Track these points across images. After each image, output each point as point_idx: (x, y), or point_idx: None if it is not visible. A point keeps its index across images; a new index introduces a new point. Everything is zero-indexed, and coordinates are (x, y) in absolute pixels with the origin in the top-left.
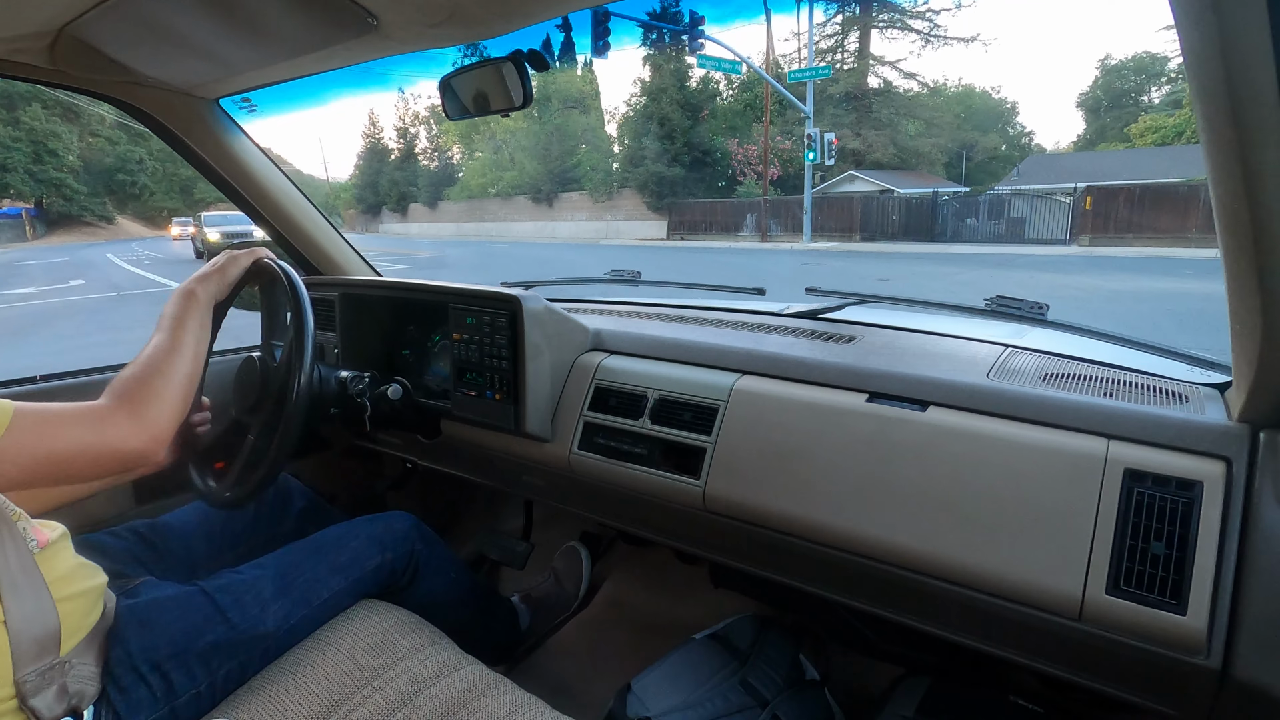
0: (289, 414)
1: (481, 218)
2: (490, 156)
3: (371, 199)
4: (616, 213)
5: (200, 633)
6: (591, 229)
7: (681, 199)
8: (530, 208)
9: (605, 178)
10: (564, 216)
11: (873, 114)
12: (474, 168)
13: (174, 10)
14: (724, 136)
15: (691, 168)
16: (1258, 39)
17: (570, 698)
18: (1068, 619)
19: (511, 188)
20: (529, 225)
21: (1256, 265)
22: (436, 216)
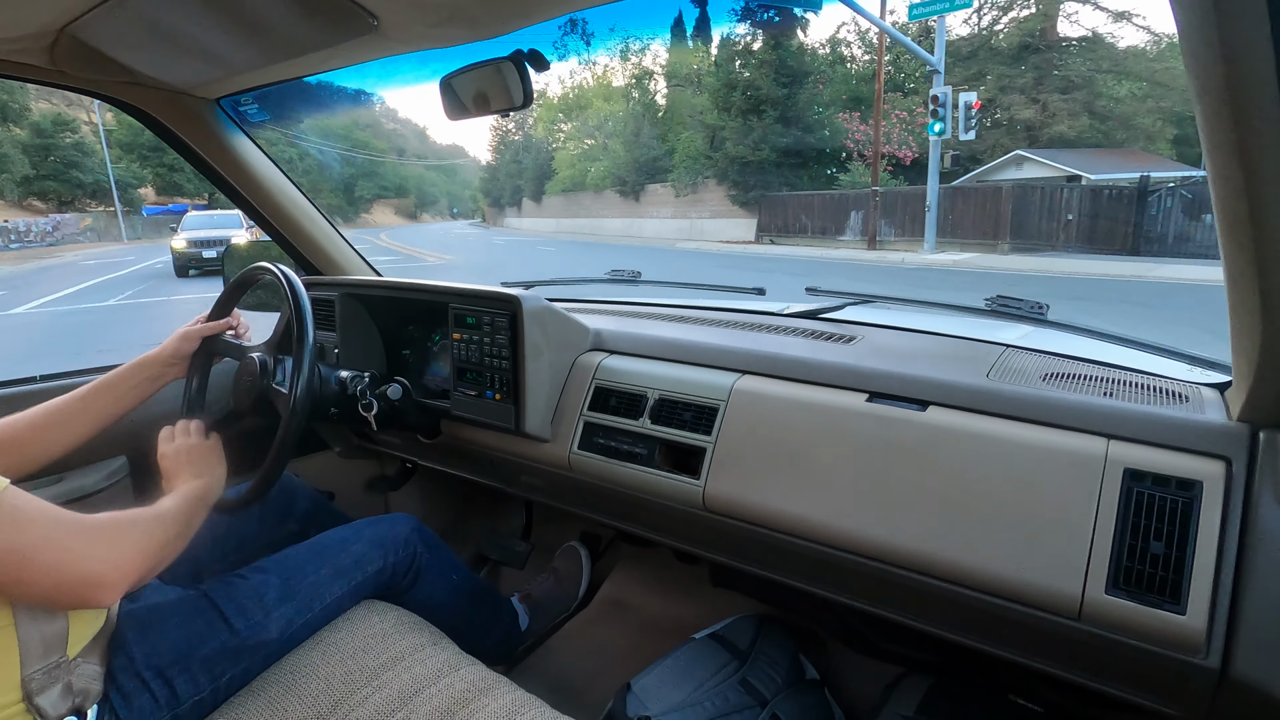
0: (289, 415)
1: (576, 213)
2: (580, 146)
3: (495, 193)
4: (702, 209)
5: (204, 639)
6: (675, 228)
7: (774, 191)
8: (619, 202)
9: (689, 166)
10: (650, 212)
11: (1058, 71)
12: (564, 158)
13: (174, 11)
14: (840, 109)
15: (788, 151)
16: (1258, 39)
17: (570, 697)
18: (1067, 618)
19: (602, 179)
20: (618, 222)
21: (1256, 265)
22: (541, 211)
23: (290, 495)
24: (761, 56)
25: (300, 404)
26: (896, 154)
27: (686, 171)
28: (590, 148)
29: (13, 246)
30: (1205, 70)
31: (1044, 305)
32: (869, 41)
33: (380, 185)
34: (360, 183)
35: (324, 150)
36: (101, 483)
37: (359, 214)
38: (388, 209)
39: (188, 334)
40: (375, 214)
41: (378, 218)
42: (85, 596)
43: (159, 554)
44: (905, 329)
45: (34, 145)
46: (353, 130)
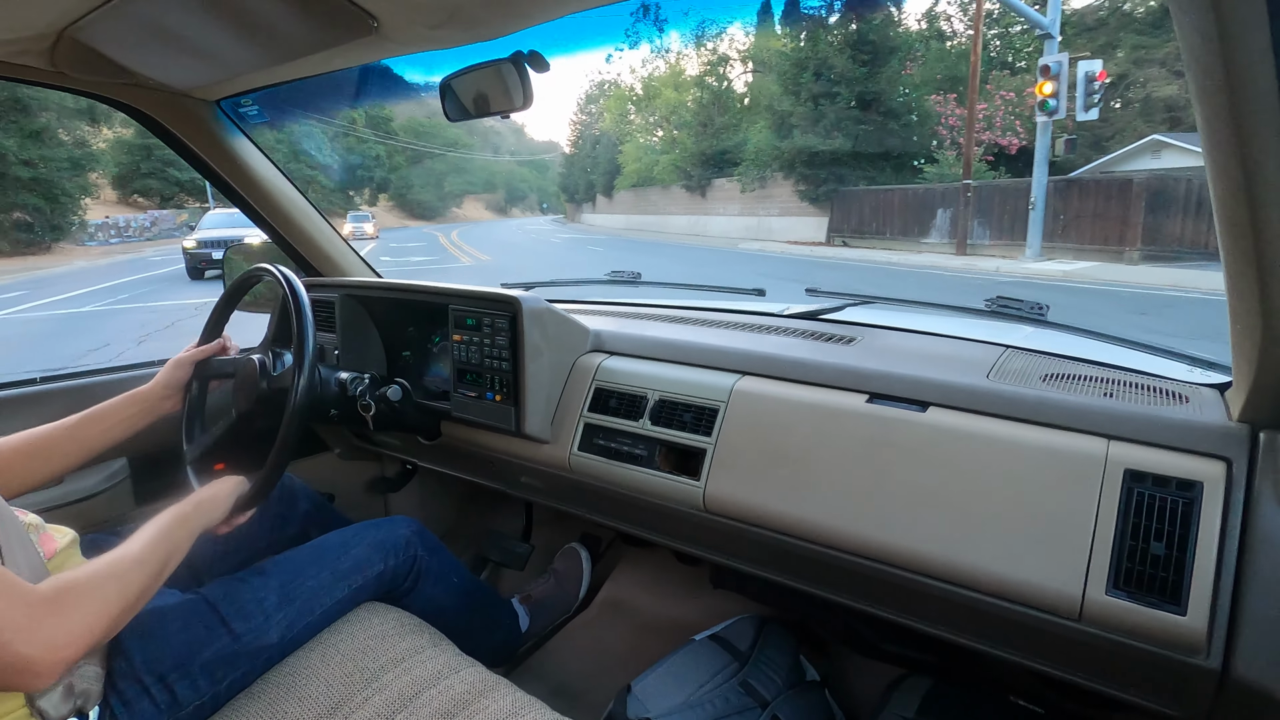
0: (289, 416)
1: (645, 209)
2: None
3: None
4: (770, 205)
5: (204, 644)
6: (741, 226)
7: (848, 186)
8: (685, 199)
9: (756, 159)
10: (716, 209)
11: None
12: (631, 151)
13: (174, 13)
14: (932, 90)
15: (865, 140)
16: (1258, 39)
17: (570, 699)
18: (1068, 619)
19: (668, 174)
20: (683, 219)
21: (1256, 265)
22: (613, 207)
23: (291, 497)
24: (837, 31)
25: (300, 405)
26: (999, 141)
27: (753, 165)
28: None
29: (113, 241)
30: (1205, 70)
31: (1044, 306)
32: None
33: (468, 181)
34: (449, 179)
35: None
36: (102, 484)
37: (448, 209)
38: (478, 204)
39: (180, 361)
40: (466, 209)
41: (468, 212)
42: (16, 682)
43: (112, 624)
44: (905, 330)
45: (137, 145)
46: (445, 128)
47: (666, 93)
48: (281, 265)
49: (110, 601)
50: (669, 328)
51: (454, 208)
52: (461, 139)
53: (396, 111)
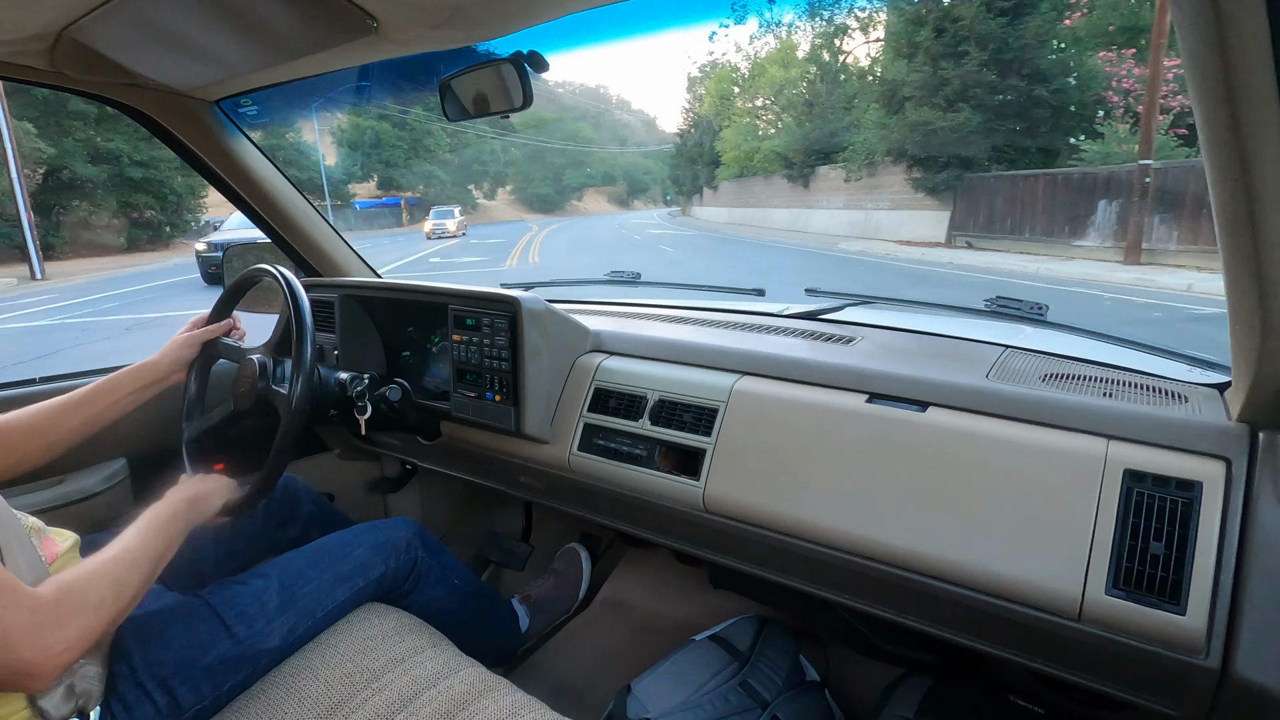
0: (289, 417)
1: (747, 201)
2: (750, 121)
3: (679, 179)
4: (878, 197)
5: (206, 648)
6: (846, 222)
7: (975, 172)
8: (787, 190)
9: (864, 142)
10: (820, 201)
11: None
12: (731, 137)
13: (174, 13)
14: (1102, 45)
15: (1000, 112)
16: (1258, 39)
17: (570, 699)
18: (1067, 619)
19: (769, 162)
20: (784, 213)
21: (1255, 265)
22: (717, 199)
23: (294, 498)
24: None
25: (299, 406)
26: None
27: (860, 148)
28: (759, 124)
29: None
30: (1205, 70)
31: (1043, 306)
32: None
33: (586, 174)
34: (568, 172)
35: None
36: (101, 484)
37: (567, 202)
38: (599, 197)
39: (187, 340)
40: (586, 202)
41: (588, 205)
42: (16, 684)
43: (109, 625)
44: (905, 330)
45: (266, 145)
46: (567, 121)
47: (772, 70)
48: (281, 266)
49: (107, 603)
50: (669, 328)
51: (573, 201)
52: (582, 131)
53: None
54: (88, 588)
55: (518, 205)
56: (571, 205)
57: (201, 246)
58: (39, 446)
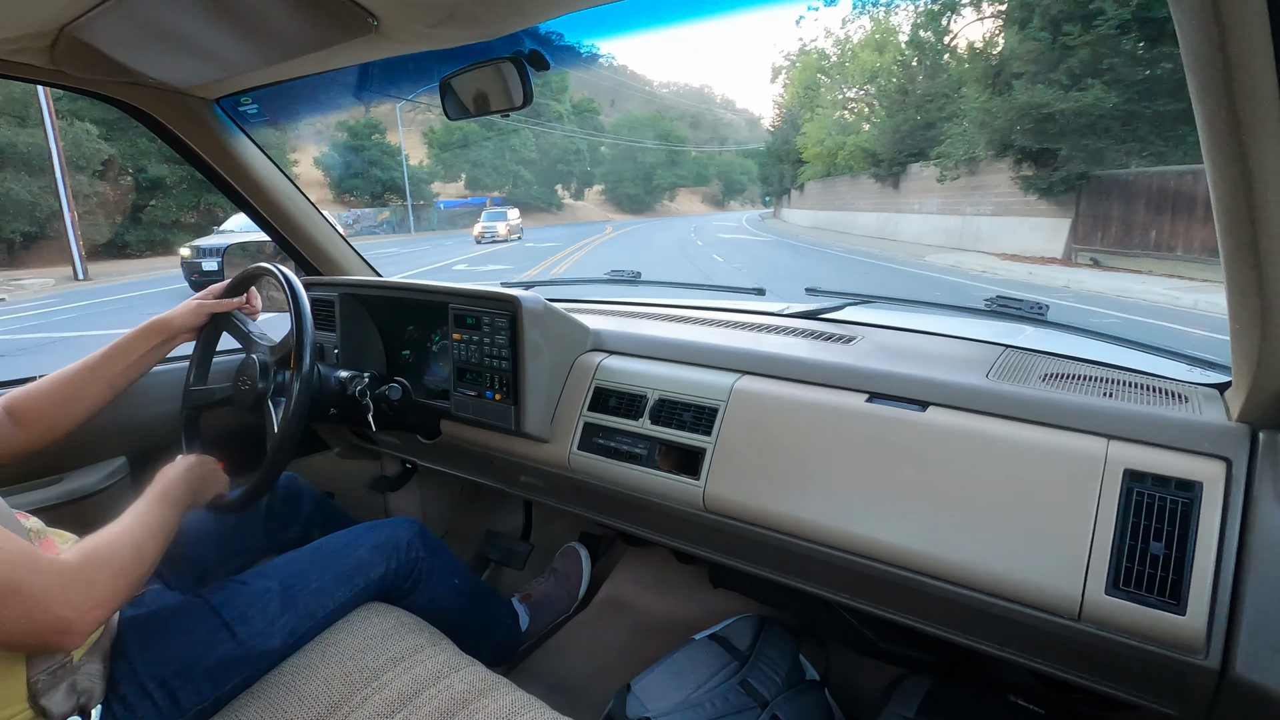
0: (288, 415)
1: (832, 203)
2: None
3: (767, 178)
4: (979, 200)
5: (207, 648)
6: (940, 229)
7: (1106, 169)
8: (875, 191)
9: (964, 135)
10: (910, 204)
11: None
12: (812, 131)
13: (174, 11)
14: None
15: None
16: (1258, 38)
17: (570, 698)
18: (1067, 619)
19: (854, 159)
20: (871, 218)
21: (1256, 265)
22: (804, 201)
23: (296, 497)
24: None
25: (299, 404)
26: None
27: (958, 141)
28: (846, 116)
29: None
30: (1205, 70)
31: (1044, 305)
32: None
33: (678, 174)
34: (659, 172)
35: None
36: (101, 483)
37: (657, 202)
38: (693, 197)
39: (200, 308)
40: (679, 202)
41: (681, 206)
42: (51, 642)
43: (138, 581)
44: (905, 329)
45: (349, 146)
46: (661, 120)
47: (864, 55)
48: (282, 264)
49: (130, 567)
50: (669, 327)
51: (664, 201)
52: (676, 131)
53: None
54: (111, 552)
55: (607, 205)
56: (663, 205)
57: (186, 251)
58: (67, 412)
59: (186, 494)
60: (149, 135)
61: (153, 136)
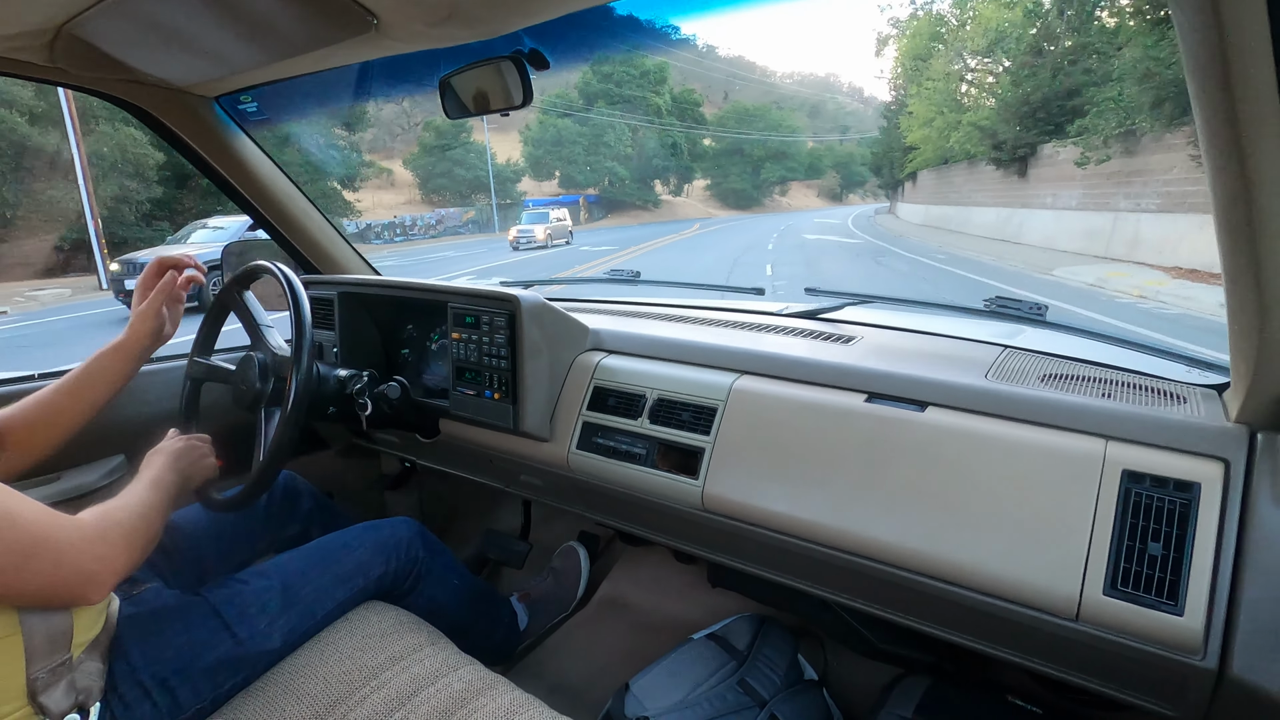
0: (287, 414)
1: (945, 196)
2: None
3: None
4: (1139, 191)
5: (207, 648)
6: (1081, 229)
7: None
8: (997, 181)
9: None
10: (1040, 197)
11: None
12: (919, 109)
13: (173, 9)
14: None
15: None
16: (1258, 39)
17: (568, 697)
18: (1065, 619)
19: (970, 141)
20: (990, 214)
21: (1255, 266)
22: (916, 194)
23: (295, 496)
24: None
25: (298, 403)
26: None
27: (1109, 110)
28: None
29: (397, 239)
30: (1205, 70)
31: (1043, 306)
32: None
33: (787, 167)
34: (767, 165)
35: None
36: (100, 481)
37: (766, 197)
38: (808, 191)
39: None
40: (792, 197)
41: (794, 200)
42: (78, 594)
43: (145, 549)
44: (904, 329)
45: (435, 146)
46: (771, 111)
47: (988, 11)
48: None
49: (138, 533)
50: (668, 326)
51: (774, 196)
52: (788, 121)
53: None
54: (121, 515)
55: (712, 202)
56: (772, 201)
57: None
58: (43, 439)
59: (175, 477)
60: None
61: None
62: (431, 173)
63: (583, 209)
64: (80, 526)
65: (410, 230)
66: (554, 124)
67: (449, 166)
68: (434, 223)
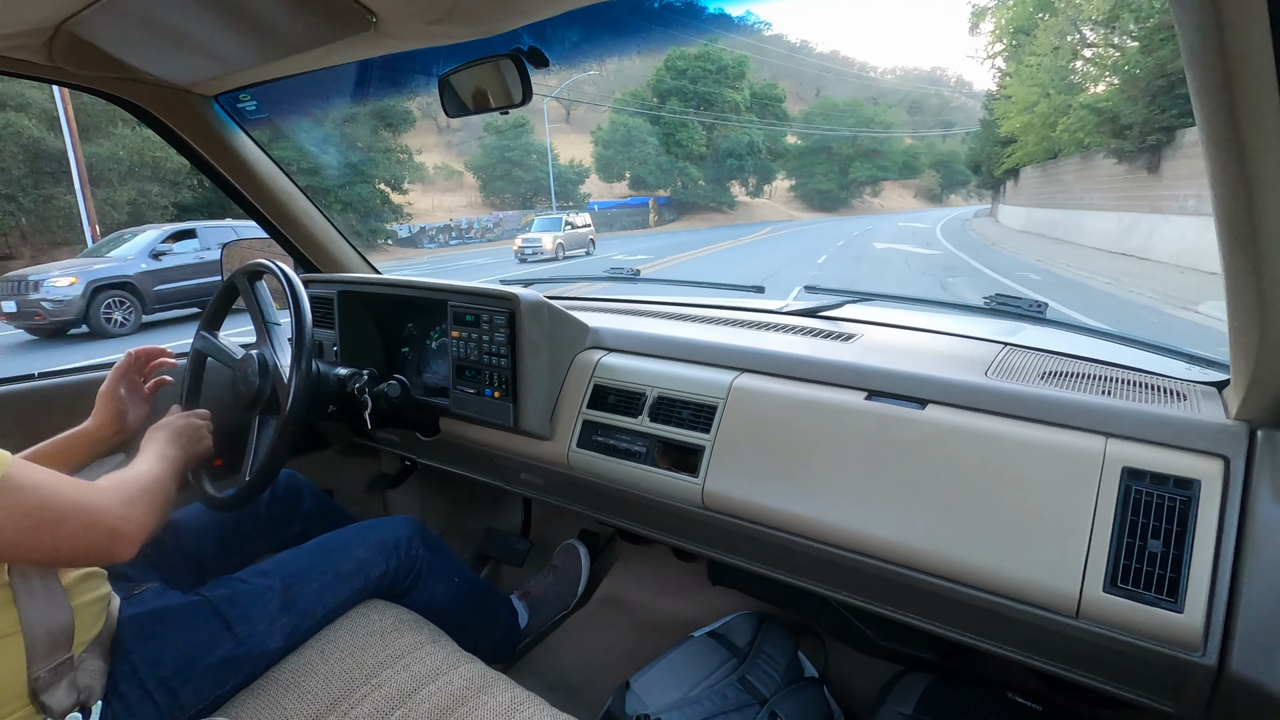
0: (288, 412)
1: (1052, 198)
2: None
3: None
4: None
5: (208, 648)
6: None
7: None
8: (1118, 179)
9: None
10: (1177, 200)
11: None
12: (1018, 91)
13: (172, 7)
14: None
15: None
16: (1258, 39)
17: (569, 695)
18: (1065, 617)
19: (1086, 127)
20: (1109, 220)
21: (1255, 264)
22: (1018, 195)
23: (296, 494)
24: None
25: (298, 402)
26: None
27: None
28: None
29: (452, 242)
30: (1205, 70)
31: (1043, 304)
32: None
33: (878, 166)
34: (856, 164)
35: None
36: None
37: (855, 198)
38: (904, 192)
39: (107, 394)
40: (886, 198)
41: (888, 201)
42: (110, 551)
43: (161, 513)
44: (904, 327)
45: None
46: (861, 105)
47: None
48: (281, 262)
49: (154, 495)
50: (668, 324)
51: (865, 196)
52: (882, 116)
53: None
54: (134, 483)
55: (795, 203)
56: (862, 202)
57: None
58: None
59: (178, 453)
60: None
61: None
62: (492, 175)
63: (652, 211)
64: (104, 490)
65: (466, 233)
66: (624, 123)
67: (508, 168)
68: (491, 226)
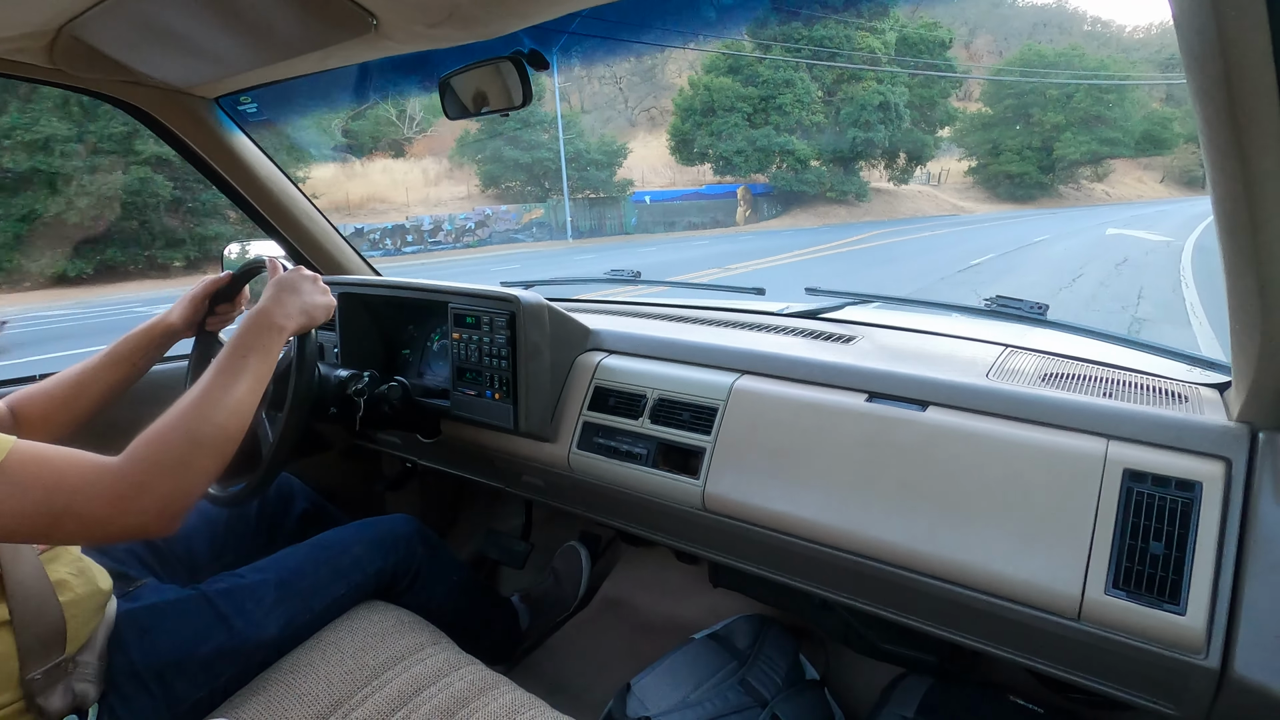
0: (288, 413)
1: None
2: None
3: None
4: None
5: (203, 639)
6: None
7: None
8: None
9: None
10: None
11: None
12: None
13: (173, 10)
14: None
15: None
16: (1258, 39)
17: (570, 697)
18: (1067, 619)
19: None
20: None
21: (1256, 266)
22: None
23: (288, 497)
24: None
25: (298, 403)
26: None
27: None
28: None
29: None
30: (1204, 70)
31: (1044, 305)
32: None
33: (1101, 139)
34: (1065, 136)
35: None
36: None
37: (1063, 183)
38: (1147, 175)
39: (193, 301)
40: (1117, 183)
41: (1122, 188)
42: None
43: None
44: (905, 329)
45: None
46: (1079, 54)
47: None
48: None
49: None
50: (668, 326)
51: (1082, 182)
52: (1112, 65)
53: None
54: (160, 447)
55: (972, 191)
56: (1077, 189)
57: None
58: (66, 416)
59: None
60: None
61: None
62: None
63: (741, 203)
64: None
65: (431, 237)
66: (706, 85)
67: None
68: (472, 226)
